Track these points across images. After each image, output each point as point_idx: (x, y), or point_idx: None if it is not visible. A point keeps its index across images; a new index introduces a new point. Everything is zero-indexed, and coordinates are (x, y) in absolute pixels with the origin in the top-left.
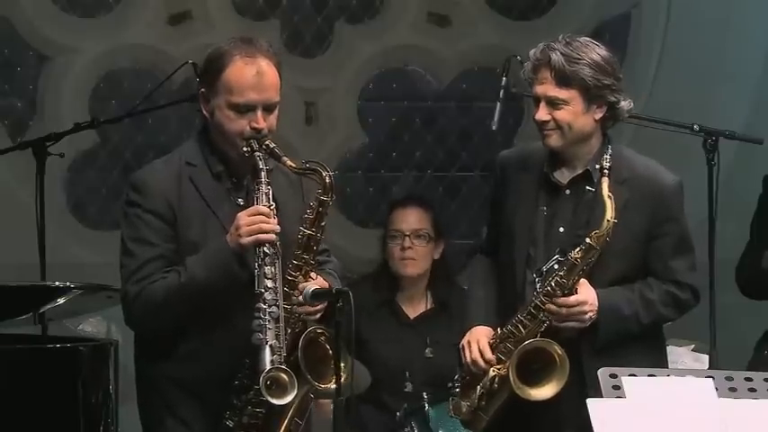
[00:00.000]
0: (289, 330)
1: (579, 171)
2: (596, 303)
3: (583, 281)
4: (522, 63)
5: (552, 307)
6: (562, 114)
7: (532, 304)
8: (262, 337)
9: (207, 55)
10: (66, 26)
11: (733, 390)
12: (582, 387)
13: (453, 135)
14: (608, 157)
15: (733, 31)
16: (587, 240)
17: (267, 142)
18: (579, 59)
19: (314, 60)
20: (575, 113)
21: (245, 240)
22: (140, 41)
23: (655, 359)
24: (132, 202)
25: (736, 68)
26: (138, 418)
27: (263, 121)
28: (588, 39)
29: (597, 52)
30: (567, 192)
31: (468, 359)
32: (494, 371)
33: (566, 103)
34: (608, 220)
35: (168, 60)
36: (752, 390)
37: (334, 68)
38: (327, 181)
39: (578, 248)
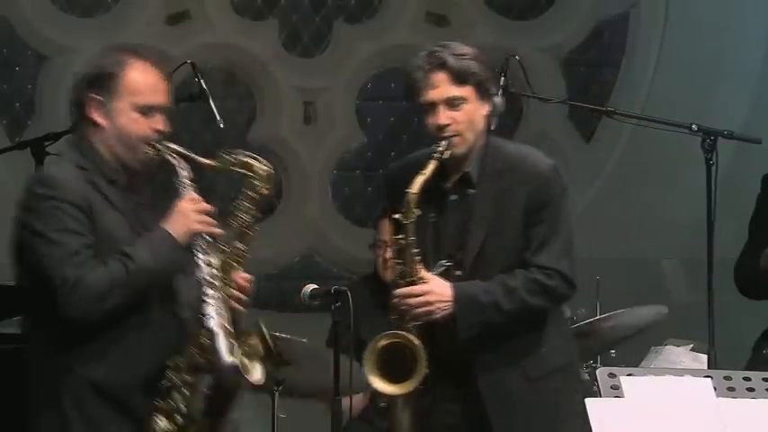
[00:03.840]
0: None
1: (461, 174)
2: (448, 294)
3: (431, 275)
4: (521, 63)
5: (398, 300)
6: (461, 115)
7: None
8: (214, 322)
9: (99, 60)
10: (65, 26)
11: (731, 389)
12: (476, 393)
13: None
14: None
15: (732, 31)
16: (395, 216)
17: (174, 146)
18: (466, 55)
19: (312, 60)
20: (472, 111)
21: (198, 227)
22: (138, 41)
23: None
24: (45, 196)
25: (735, 68)
26: None
27: (164, 124)
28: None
29: (473, 49)
30: (453, 197)
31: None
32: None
33: (464, 100)
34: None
35: (166, 60)
36: (750, 389)
37: (333, 68)
38: (264, 172)
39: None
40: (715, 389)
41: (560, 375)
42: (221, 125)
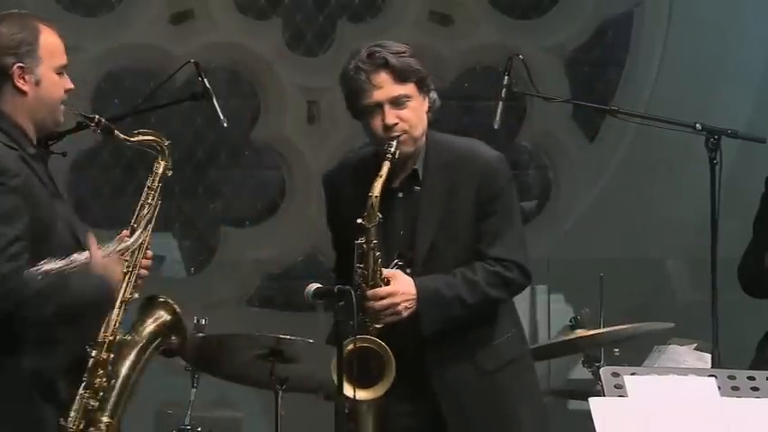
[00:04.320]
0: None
1: (408, 171)
2: (412, 292)
3: (395, 272)
4: (525, 62)
5: (366, 303)
6: (408, 113)
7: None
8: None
9: (8, 29)
10: (68, 25)
11: (735, 389)
12: (429, 390)
13: (455, 133)
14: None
15: (735, 31)
16: (359, 221)
17: (99, 117)
18: (404, 53)
19: (316, 59)
20: (416, 109)
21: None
22: (142, 41)
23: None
24: None
25: (738, 68)
26: (140, 414)
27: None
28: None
29: (407, 46)
30: (400, 194)
31: None
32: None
33: (408, 98)
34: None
35: (170, 59)
36: (755, 389)
37: (337, 67)
38: (166, 148)
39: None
40: (719, 388)
41: (514, 367)
42: (225, 124)
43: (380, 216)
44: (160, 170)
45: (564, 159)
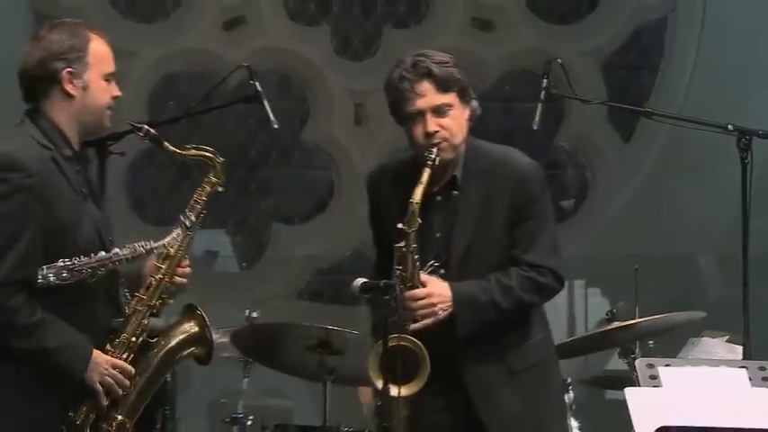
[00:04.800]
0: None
1: (447, 177)
2: (448, 295)
3: (430, 277)
4: (563, 66)
5: (404, 303)
6: (449, 122)
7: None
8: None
9: (59, 36)
10: (126, 31)
11: (766, 379)
12: (461, 387)
13: (496, 134)
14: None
15: (765, 36)
16: (399, 226)
17: (148, 128)
18: (447, 63)
19: (363, 63)
20: (457, 117)
21: (97, 386)
22: (196, 46)
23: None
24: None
25: None
26: (195, 403)
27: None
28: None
29: (451, 56)
30: (438, 198)
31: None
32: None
33: (450, 107)
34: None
35: (223, 63)
36: None
37: (382, 71)
38: (220, 165)
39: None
40: (750, 379)
41: (541, 369)
42: (276, 126)
43: (420, 221)
44: (209, 186)
45: (600, 159)
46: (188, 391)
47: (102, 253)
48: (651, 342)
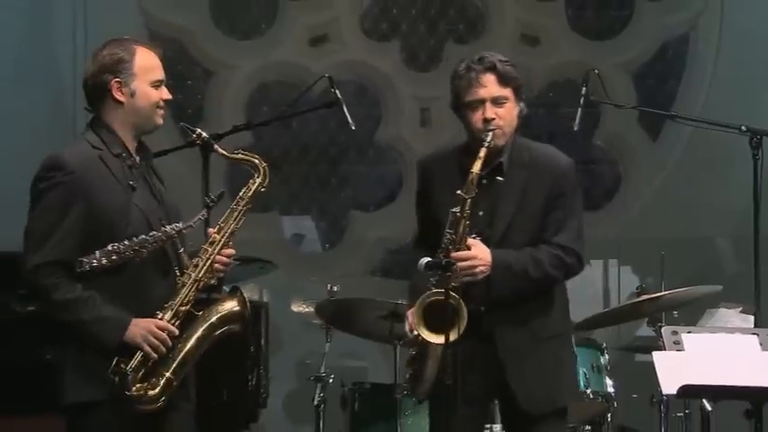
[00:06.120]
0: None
1: (494, 164)
2: (489, 259)
3: (476, 241)
4: (599, 76)
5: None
6: (504, 112)
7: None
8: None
9: (109, 51)
10: (227, 47)
11: None
12: (492, 351)
13: (542, 135)
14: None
15: None
16: (458, 192)
17: (200, 131)
18: (508, 62)
19: (428, 74)
20: (511, 110)
21: (142, 346)
22: (286, 59)
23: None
24: (42, 177)
25: None
26: (285, 364)
27: (168, 93)
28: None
29: (508, 59)
30: (485, 181)
31: (407, 329)
32: (417, 332)
33: (506, 100)
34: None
35: (308, 74)
36: None
37: (445, 81)
38: (263, 169)
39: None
40: (761, 344)
41: (559, 340)
42: (353, 128)
43: (476, 190)
44: (254, 186)
45: (631, 156)
46: (279, 354)
47: (143, 236)
48: (675, 312)
